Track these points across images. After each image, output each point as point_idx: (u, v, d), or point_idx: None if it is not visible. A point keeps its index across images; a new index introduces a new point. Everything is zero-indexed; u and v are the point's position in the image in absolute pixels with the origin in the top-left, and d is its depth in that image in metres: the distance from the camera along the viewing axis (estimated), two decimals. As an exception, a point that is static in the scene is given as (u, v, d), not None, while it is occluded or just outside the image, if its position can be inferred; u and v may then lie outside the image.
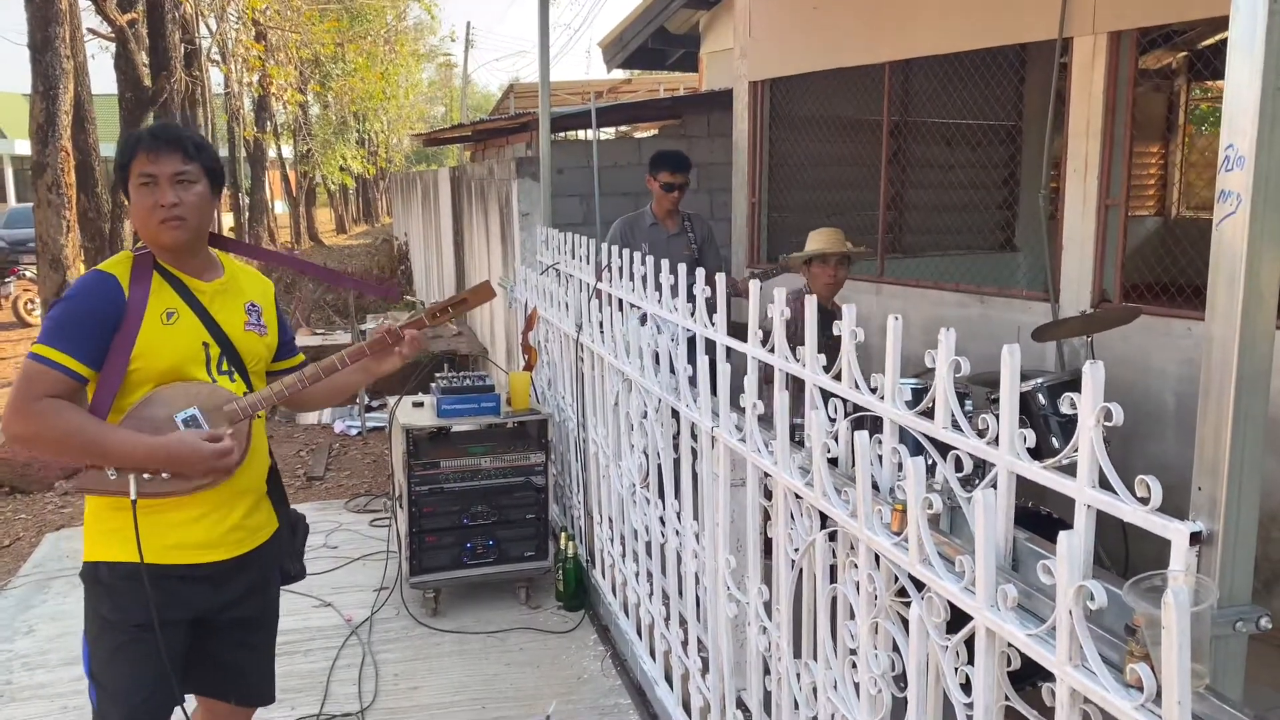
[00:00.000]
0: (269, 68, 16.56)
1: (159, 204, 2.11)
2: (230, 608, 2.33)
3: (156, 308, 2.15)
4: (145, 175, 2.11)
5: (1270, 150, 1.17)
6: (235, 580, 2.32)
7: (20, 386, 2.05)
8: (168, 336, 2.15)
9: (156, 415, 2.11)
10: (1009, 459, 1.57)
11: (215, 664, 2.36)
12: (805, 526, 2.07)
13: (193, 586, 2.24)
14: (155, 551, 2.16)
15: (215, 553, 2.25)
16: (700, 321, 2.86)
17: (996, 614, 1.44)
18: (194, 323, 2.20)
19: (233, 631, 2.36)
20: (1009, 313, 4.86)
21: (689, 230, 5.30)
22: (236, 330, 2.28)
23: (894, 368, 1.90)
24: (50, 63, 6.79)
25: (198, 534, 2.22)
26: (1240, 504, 1.23)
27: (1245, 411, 1.22)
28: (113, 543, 2.17)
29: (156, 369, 2.13)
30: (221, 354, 2.24)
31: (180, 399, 2.14)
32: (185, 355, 2.17)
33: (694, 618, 2.91)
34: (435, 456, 4.18)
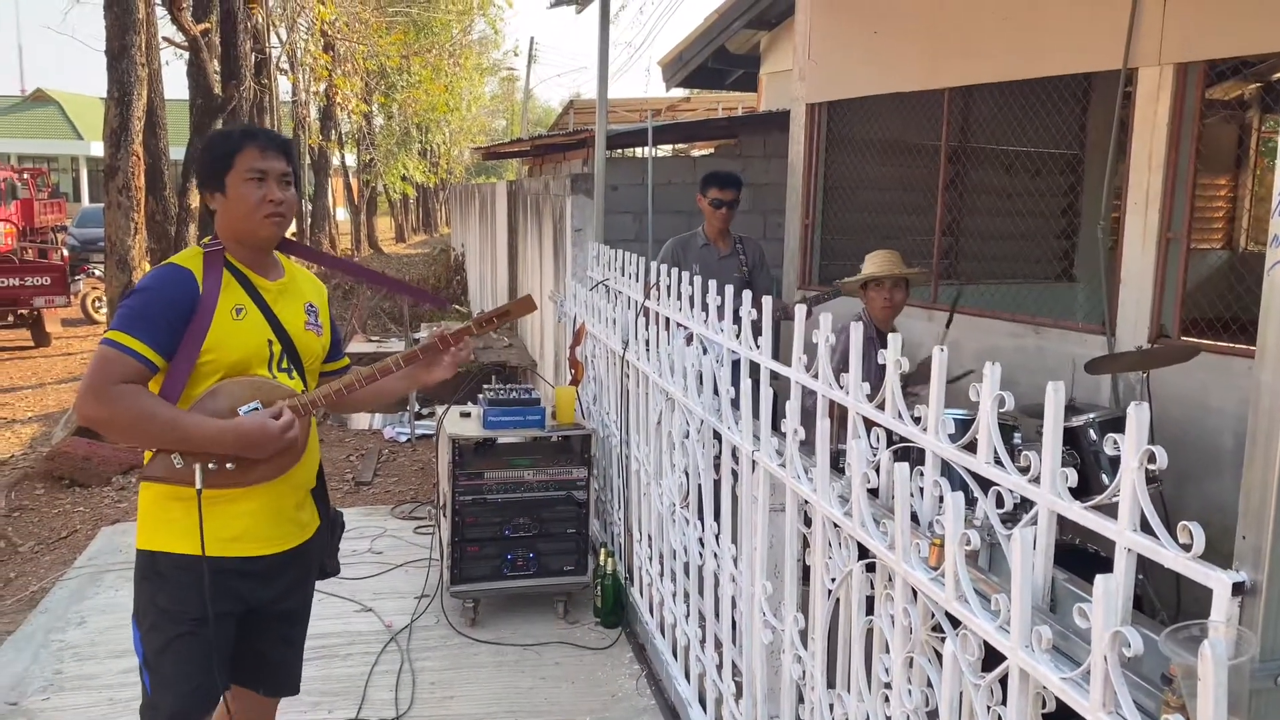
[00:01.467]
0: (336, 78, 16.89)
1: (268, 199, 2.23)
2: (277, 601, 2.40)
3: (227, 303, 2.22)
4: (257, 170, 2.22)
5: (1326, 195, 1.15)
6: (284, 574, 2.39)
7: (96, 371, 2.10)
8: (237, 331, 2.22)
9: (220, 407, 2.18)
10: (1050, 498, 1.55)
11: (255, 655, 2.42)
12: (843, 556, 2.05)
13: (246, 580, 2.30)
14: (213, 544, 2.22)
15: (269, 546, 2.32)
16: (745, 344, 2.86)
17: (1031, 655, 1.41)
18: (260, 320, 2.28)
19: (277, 625, 2.44)
20: (1064, 344, 4.78)
21: (740, 252, 5.30)
22: (297, 329, 2.36)
23: (938, 400, 1.88)
24: (126, 70, 7.02)
25: (254, 527, 2.29)
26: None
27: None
28: (172, 533, 2.23)
29: (226, 362, 2.20)
30: (283, 352, 2.32)
31: (244, 392, 2.21)
32: (252, 351, 2.25)
33: (729, 641, 2.90)
34: (480, 467, 4.22)
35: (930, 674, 1.71)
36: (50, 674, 3.75)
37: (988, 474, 1.71)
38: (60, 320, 14.20)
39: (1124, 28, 4.32)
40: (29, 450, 7.81)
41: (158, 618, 2.27)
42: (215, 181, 2.27)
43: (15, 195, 20.23)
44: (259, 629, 2.39)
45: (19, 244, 17.16)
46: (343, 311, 13.20)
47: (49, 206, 22.64)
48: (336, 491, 6.33)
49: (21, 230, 18.99)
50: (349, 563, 4.88)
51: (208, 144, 2.34)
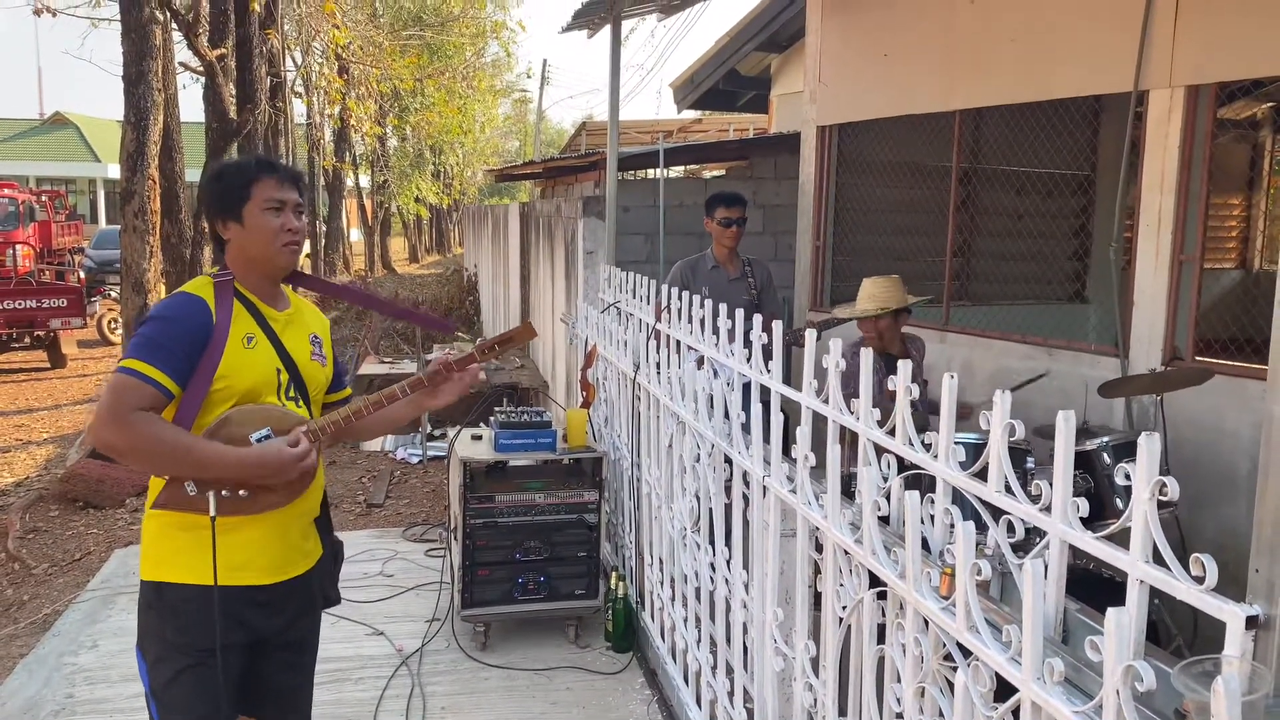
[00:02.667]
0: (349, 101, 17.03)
1: (286, 228, 2.29)
2: (284, 630, 2.40)
3: (239, 331, 2.25)
4: (276, 200, 2.28)
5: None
6: (290, 603, 2.39)
7: (113, 398, 2.11)
8: (248, 360, 2.25)
9: (233, 434, 2.19)
10: (1061, 528, 1.54)
11: (264, 684, 2.41)
12: (854, 584, 2.04)
13: (253, 609, 2.30)
14: (222, 572, 2.22)
15: (275, 574, 2.33)
16: (756, 368, 2.86)
17: (1042, 688, 1.40)
18: (269, 349, 2.31)
19: (285, 654, 2.43)
20: (1077, 367, 4.76)
21: (749, 275, 5.31)
22: (304, 359, 2.39)
23: (948, 427, 1.87)
24: (142, 95, 7.10)
25: (260, 555, 2.29)
26: (1300, 589, 1.19)
27: (1306, 493, 1.18)
28: (179, 564, 2.24)
29: (238, 390, 2.22)
30: (290, 380, 2.35)
31: (256, 419, 2.23)
32: (263, 379, 2.27)
33: (741, 668, 2.88)
34: (491, 490, 4.21)
35: (942, 704, 1.70)
36: (62, 698, 3.75)
37: (999, 503, 1.70)
38: (76, 342, 14.30)
39: (1135, 50, 4.32)
40: (44, 471, 7.86)
41: (165, 649, 2.27)
42: (231, 211, 2.30)
43: (33, 217, 20.40)
44: (267, 658, 2.39)
45: (36, 266, 17.31)
46: (355, 333, 13.26)
47: (66, 228, 22.83)
48: (349, 514, 6.34)
49: (39, 252, 19.15)
50: (361, 585, 4.91)
51: (220, 174, 2.37)
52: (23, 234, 19.25)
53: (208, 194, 2.35)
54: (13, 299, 12.73)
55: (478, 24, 25.26)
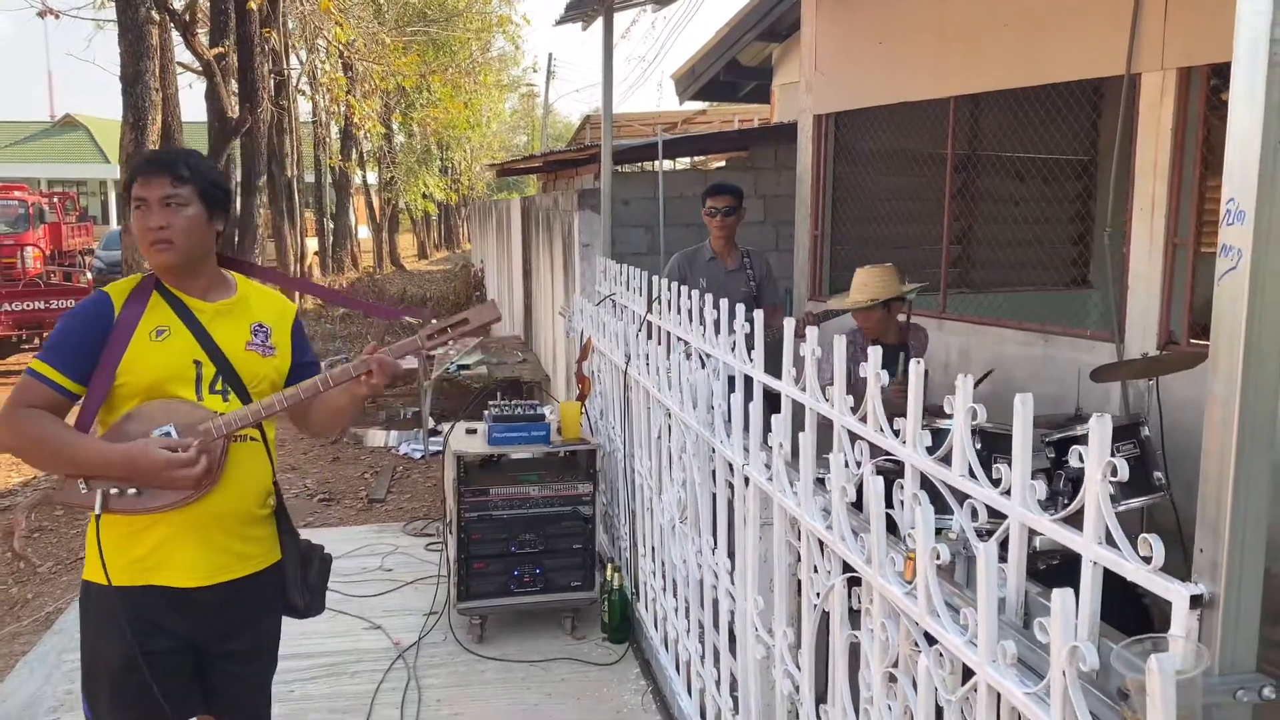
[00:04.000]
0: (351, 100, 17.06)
1: (146, 226, 2.15)
2: (221, 640, 2.30)
3: (148, 325, 2.18)
4: (138, 199, 2.16)
5: (1272, 206, 1.14)
6: (227, 611, 2.28)
7: (11, 398, 2.13)
8: (155, 352, 2.17)
9: (134, 431, 2.13)
10: (1020, 511, 1.54)
11: (213, 692, 2.33)
12: (826, 570, 2.05)
13: (175, 614, 2.20)
14: (132, 572, 2.17)
15: (196, 577, 2.20)
16: (739, 358, 2.86)
17: (996, 669, 1.41)
18: (186, 340, 2.21)
19: (227, 664, 2.33)
20: (1072, 352, 4.74)
21: (748, 266, 5.30)
22: (235, 350, 2.27)
23: (915, 412, 1.87)
24: (140, 95, 7.13)
25: (175, 555, 2.19)
26: (1243, 568, 1.19)
27: (1247, 473, 1.18)
28: (91, 563, 2.19)
29: (141, 384, 2.15)
30: (216, 373, 2.23)
31: (159, 416, 2.15)
32: (171, 372, 2.18)
33: (729, 656, 2.89)
34: (485, 484, 4.23)
35: (906, 689, 1.70)
36: (61, 694, 3.79)
37: (961, 486, 1.70)
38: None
39: (1126, 33, 4.30)
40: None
41: (87, 650, 2.24)
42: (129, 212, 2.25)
43: (43, 219, 20.53)
44: (211, 667, 2.31)
45: (46, 267, 17.43)
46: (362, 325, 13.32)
47: (77, 230, 22.96)
48: (350, 509, 6.38)
49: (50, 254, 19.28)
50: (361, 580, 4.94)
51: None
52: (33, 236, 19.38)
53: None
54: (22, 300, 12.84)
55: (483, 18, 25.28)
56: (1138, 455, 3.53)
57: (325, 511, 6.29)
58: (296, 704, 3.72)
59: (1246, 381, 1.17)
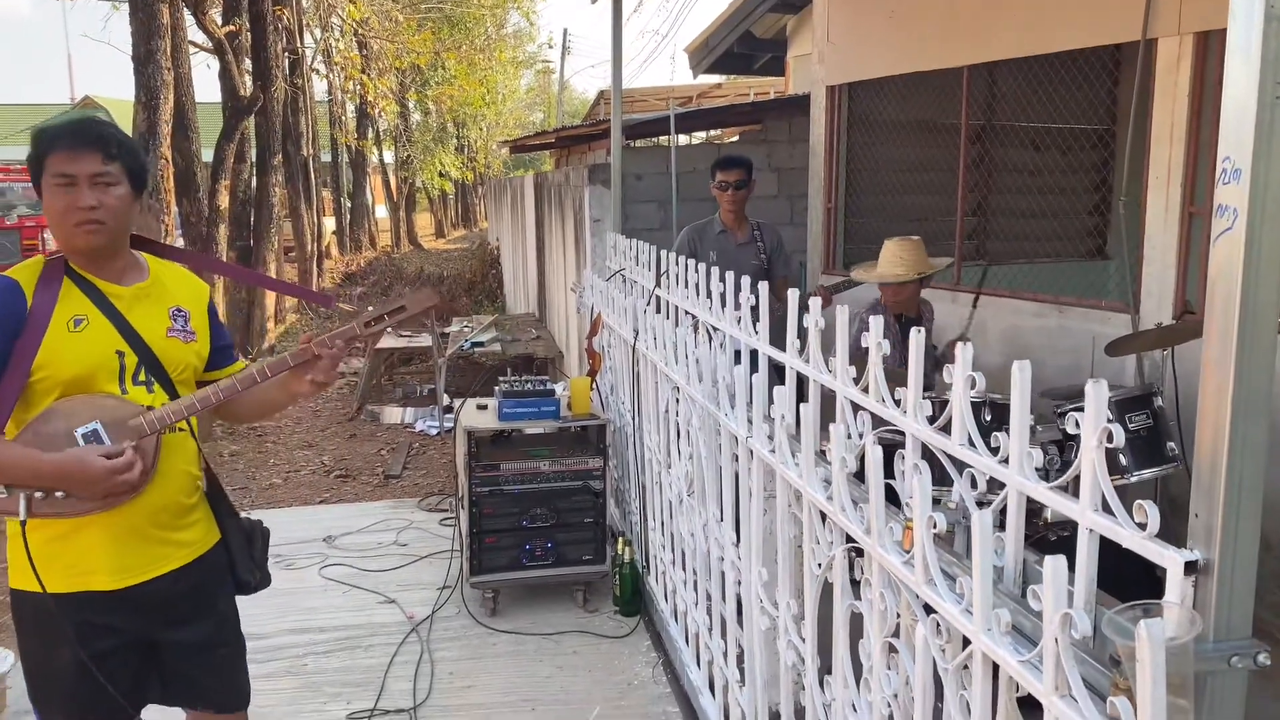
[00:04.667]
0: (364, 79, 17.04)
1: (76, 206, 1.97)
2: (175, 628, 2.20)
3: (63, 314, 2.01)
4: (62, 175, 1.97)
5: (1268, 163, 1.11)
6: (174, 601, 2.18)
7: None
8: (74, 344, 2.01)
9: (55, 430, 1.97)
10: (1018, 479, 1.53)
11: (180, 678, 2.25)
12: (828, 541, 2.04)
13: (119, 615, 2.10)
14: (66, 577, 2.05)
15: (130, 575, 2.10)
16: (745, 330, 2.85)
17: (991, 638, 1.40)
18: (106, 330, 2.05)
19: (187, 652, 2.24)
20: (1087, 323, 4.69)
21: (759, 239, 5.26)
22: (156, 337, 2.13)
23: (916, 381, 1.85)
24: (152, 74, 7.15)
25: (107, 558, 2.07)
26: (1238, 533, 1.17)
27: (1242, 437, 1.16)
28: (22, 570, 2.05)
29: (61, 379, 2.00)
30: (139, 363, 2.09)
31: (83, 412, 2.00)
32: (94, 364, 2.03)
33: (735, 628, 2.90)
34: (496, 459, 4.25)
35: (904, 658, 1.70)
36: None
37: (960, 455, 1.69)
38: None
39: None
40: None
41: (29, 660, 2.14)
42: (36, 184, 2.02)
43: (64, 201, 20.63)
44: (170, 654, 2.22)
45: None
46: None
47: (97, 211, 23.07)
48: (366, 485, 6.42)
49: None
50: (376, 555, 4.98)
51: (33, 140, 2.05)
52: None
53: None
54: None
55: (497, -5, 25.16)
56: (1151, 426, 3.49)
57: (341, 488, 6.34)
58: (310, 677, 3.76)
59: (1242, 344, 1.15)
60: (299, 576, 4.66)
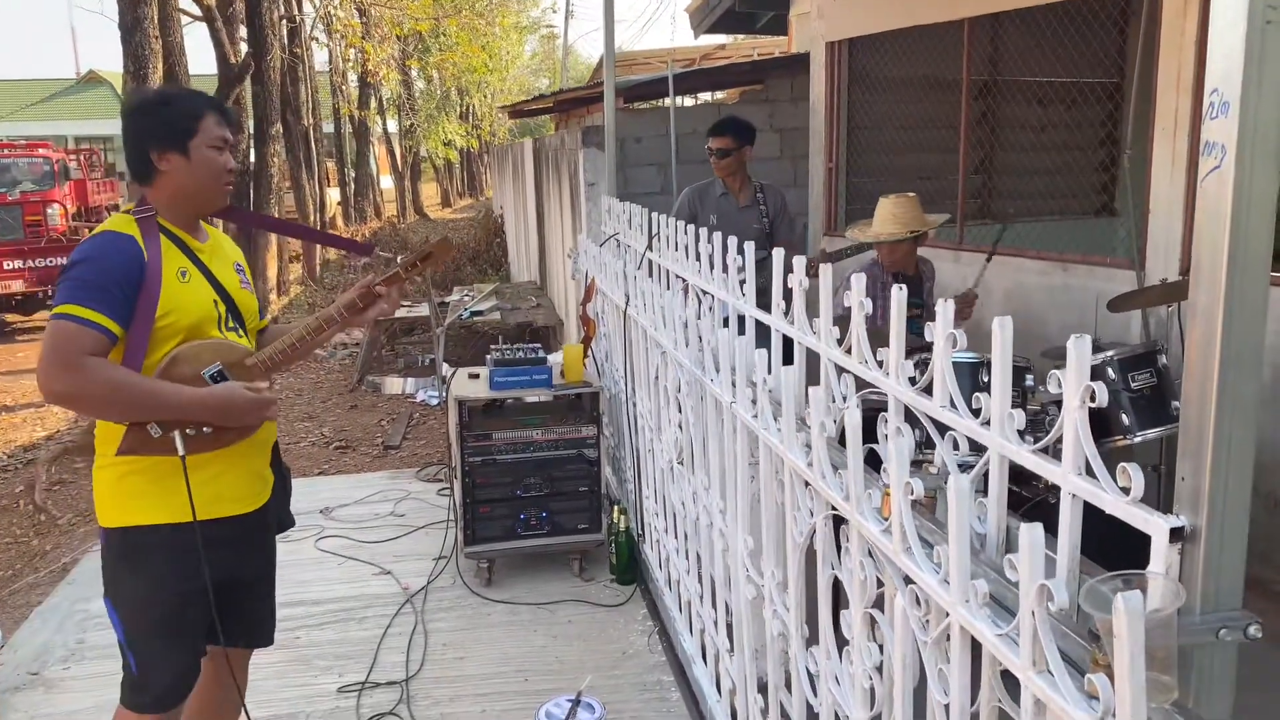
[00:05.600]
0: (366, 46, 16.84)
1: (227, 167, 2.28)
2: (250, 565, 2.44)
3: (171, 266, 2.19)
4: (223, 140, 2.27)
5: (1259, 93, 1.02)
6: (256, 534, 2.43)
7: (57, 346, 2.03)
8: (187, 294, 2.20)
9: (184, 373, 2.15)
10: (999, 441, 1.44)
11: (235, 611, 2.39)
12: (809, 509, 1.96)
13: (224, 546, 2.28)
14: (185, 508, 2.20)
15: (245, 504, 2.34)
16: (733, 292, 2.76)
17: (969, 610, 1.32)
18: (203, 281, 2.26)
19: (252, 585, 2.48)
20: (1092, 281, 4.59)
21: (761, 203, 5.14)
22: (235, 288, 2.36)
23: (897, 341, 1.77)
24: (139, 43, 7.02)
25: (230, 487, 2.29)
26: (1227, 498, 1.09)
27: (1232, 393, 1.07)
28: (144, 506, 2.20)
29: (183, 325, 2.17)
30: (227, 311, 2.31)
31: (205, 355, 2.19)
32: (205, 312, 2.23)
33: (725, 596, 2.83)
34: (488, 428, 4.18)
35: (883, 630, 1.63)
36: (73, 644, 3.82)
37: (942, 418, 1.60)
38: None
39: (1147, -59, 4.07)
40: (73, 425, 7.99)
41: (141, 596, 2.26)
42: (176, 143, 2.20)
43: (68, 176, 20.55)
44: (235, 592, 2.39)
45: (72, 224, 17.46)
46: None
47: (102, 186, 22.99)
48: (366, 456, 6.38)
49: (75, 210, 19.32)
50: (373, 526, 4.94)
51: (167, 100, 2.28)
52: (59, 193, 19.41)
53: (151, 120, 2.23)
54: (47, 257, 12.87)
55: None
56: (1155, 384, 3.38)
57: (340, 459, 6.30)
58: (302, 650, 3.73)
59: (1231, 291, 1.06)
60: (294, 549, 4.62)
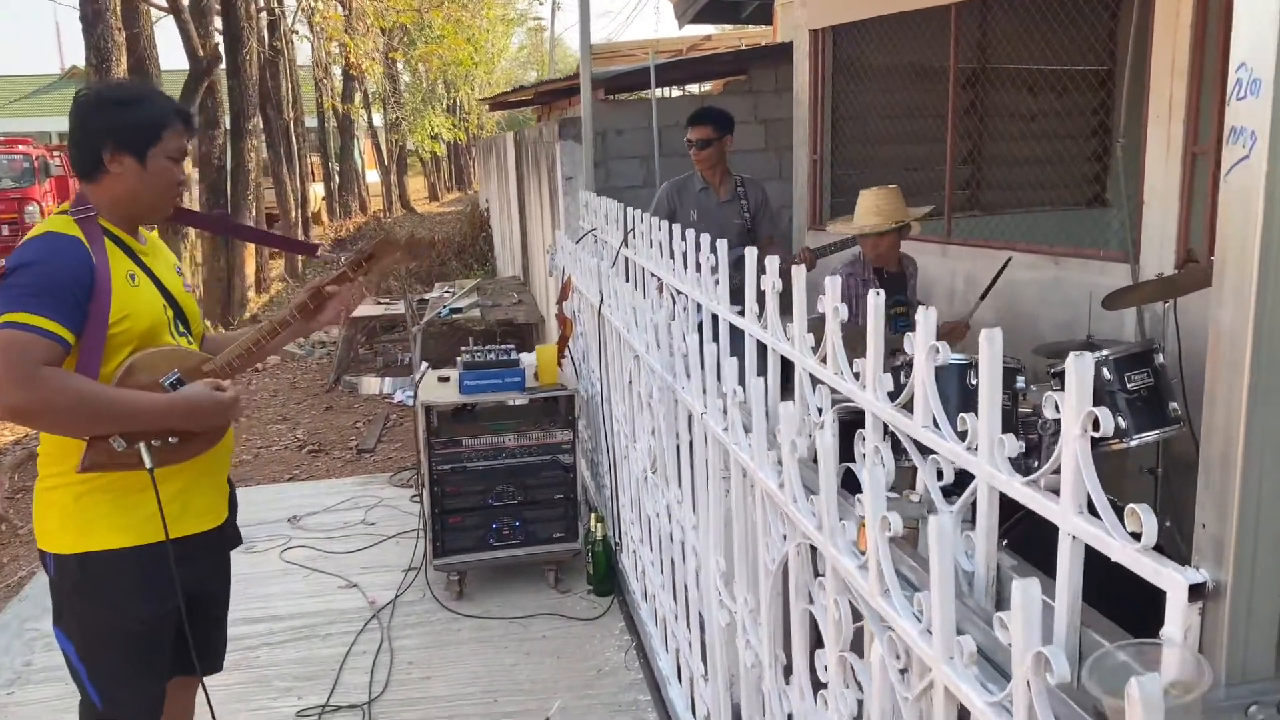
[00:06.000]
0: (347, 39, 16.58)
1: (179, 180, 2.18)
2: (210, 580, 2.35)
3: (119, 270, 2.06)
4: (182, 152, 2.16)
5: (1298, 66, 0.84)
6: (217, 549, 2.36)
7: (10, 358, 1.88)
8: (138, 298, 2.08)
9: (141, 382, 2.04)
10: (988, 470, 1.27)
11: (196, 643, 2.24)
12: (780, 534, 1.79)
13: (187, 563, 2.17)
14: (150, 525, 2.09)
15: (208, 519, 2.25)
16: (705, 292, 2.59)
17: (953, 669, 1.15)
18: (151, 285, 2.14)
19: (209, 606, 2.39)
20: (1085, 275, 4.42)
21: (742, 197, 4.96)
22: (179, 291, 2.25)
23: (875, 351, 1.60)
24: (101, 35, 6.79)
25: (194, 501, 2.20)
26: (1257, 549, 0.92)
27: (1263, 428, 0.90)
28: (103, 529, 2.07)
29: (136, 332, 2.05)
30: (175, 316, 2.20)
31: (160, 364, 2.08)
32: (156, 316, 2.12)
33: (700, 616, 2.66)
34: (458, 434, 4.00)
35: (860, 678, 1.45)
36: (20, 665, 3.64)
37: (924, 439, 1.43)
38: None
39: (1141, -80, 3.90)
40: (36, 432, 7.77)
41: (104, 627, 2.14)
42: (135, 148, 2.06)
43: (49, 173, 20.26)
44: (196, 613, 2.25)
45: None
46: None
47: (83, 183, 22.69)
48: (339, 460, 6.19)
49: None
50: (341, 536, 4.75)
51: (134, 103, 2.10)
52: (39, 190, 19.12)
53: (112, 119, 2.07)
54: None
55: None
56: (1152, 385, 3.22)
57: (312, 464, 6.11)
58: (261, 670, 3.55)
59: (1262, 306, 0.88)
60: (258, 560, 4.44)
